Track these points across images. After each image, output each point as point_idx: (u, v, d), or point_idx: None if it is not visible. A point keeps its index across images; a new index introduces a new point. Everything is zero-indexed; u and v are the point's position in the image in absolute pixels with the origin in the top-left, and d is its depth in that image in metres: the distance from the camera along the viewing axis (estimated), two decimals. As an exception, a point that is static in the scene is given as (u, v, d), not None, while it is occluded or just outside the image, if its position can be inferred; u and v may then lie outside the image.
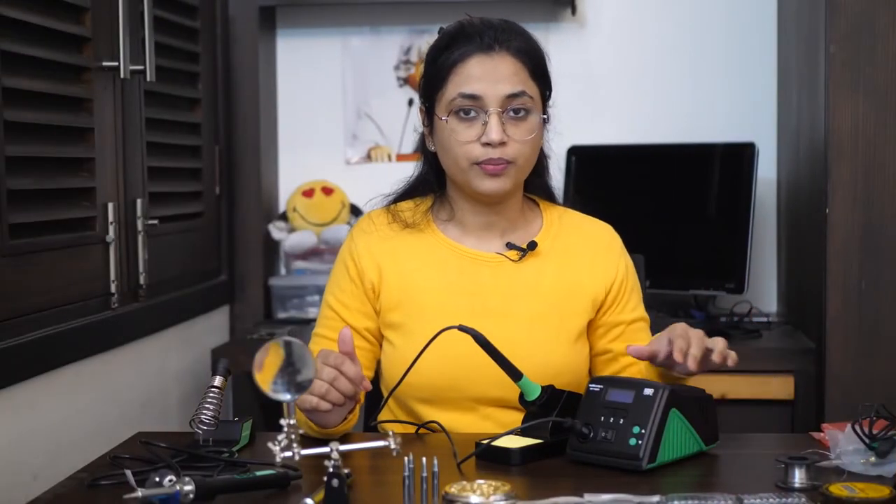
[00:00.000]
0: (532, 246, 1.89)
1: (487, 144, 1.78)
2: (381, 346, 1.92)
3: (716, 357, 1.68)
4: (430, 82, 1.85)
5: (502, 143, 1.78)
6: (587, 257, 1.91)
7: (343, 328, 1.70)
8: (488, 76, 1.79)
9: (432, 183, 1.92)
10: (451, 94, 1.80)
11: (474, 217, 1.89)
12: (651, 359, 1.71)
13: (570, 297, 1.88)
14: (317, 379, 1.64)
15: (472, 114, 1.79)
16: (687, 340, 1.67)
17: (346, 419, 1.76)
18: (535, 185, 1.94)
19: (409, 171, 1.99)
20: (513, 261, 1.89)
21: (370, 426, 1.92)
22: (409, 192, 1.96)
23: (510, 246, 1.90)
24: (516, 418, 1.75)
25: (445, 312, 1.81)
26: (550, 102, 1.88)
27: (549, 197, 1.99)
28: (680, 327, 1.69)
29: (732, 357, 1.69)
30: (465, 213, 1.90)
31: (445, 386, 1.83)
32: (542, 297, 1.87)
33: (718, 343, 1.69)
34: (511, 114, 1.79)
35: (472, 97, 1.79)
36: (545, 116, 1.85)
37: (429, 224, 1.92)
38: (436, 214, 1.93)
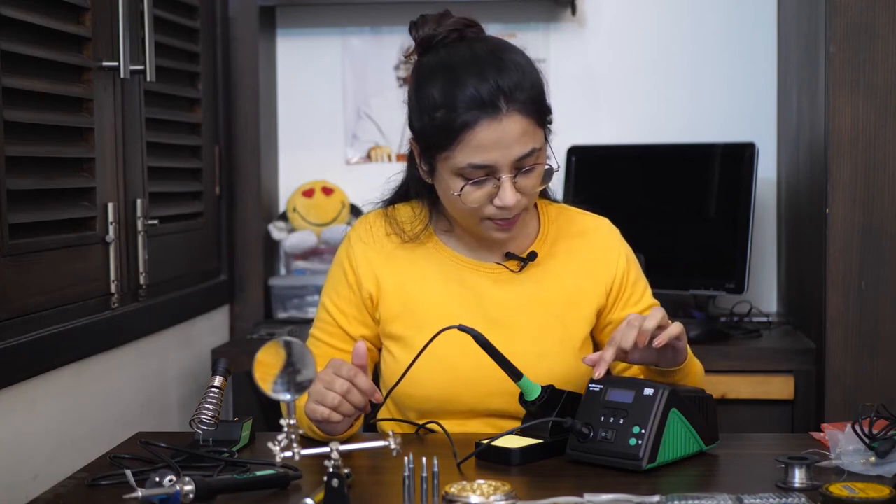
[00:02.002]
0: (532, 257, 1.87)
1: (501, 207, 1.74)
2: (379, 351, 1.91)
3: (652, 333, 1.66)
4: (431, 138, 1.75)
5: (516, 203, 1.74)
6: (586, 258, 1.90)
7: (358, 342, 1.70)
8: (499, 144, 1.69)
9: (422, 193, 1.88)
10: (460, 161, 1.71)
11: (473, 235, 1.87)
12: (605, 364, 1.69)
13: (573, 305, 1.87)
14: (329, 391, 1.64)
15: (483, 178, 1.72)
16: (618, 339, 1.66)
17: (352, 425, 1.76)
18: None
19: (408, 171, 1.98)
20: (513, 271, 1.88)
21: (369, 424, 1.92)
22: (402, 197, 1.94)
23: (509, 256, 1.88)
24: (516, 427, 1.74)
25: (447, 324, 1.78)
26: (550, 128, 1.81)
27: (544, 193, 1.95)
28: (621, 327, 1.67)
29: (671, 332, 1.66)
30: (464, 230, 1.87)
31: (446, 399, 1.83)
32: (544, 307, 1.86)
33: (652, 320, 1.66)
34: (522, 170, 1.73)
35: (484, 167, 1.71)
36: (556, 167, 1.79)
37: (429, 235, 1.89)
38: (435, 224, 1.90)
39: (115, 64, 2.23)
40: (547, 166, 1.77)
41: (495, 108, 1.69)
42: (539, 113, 1.75)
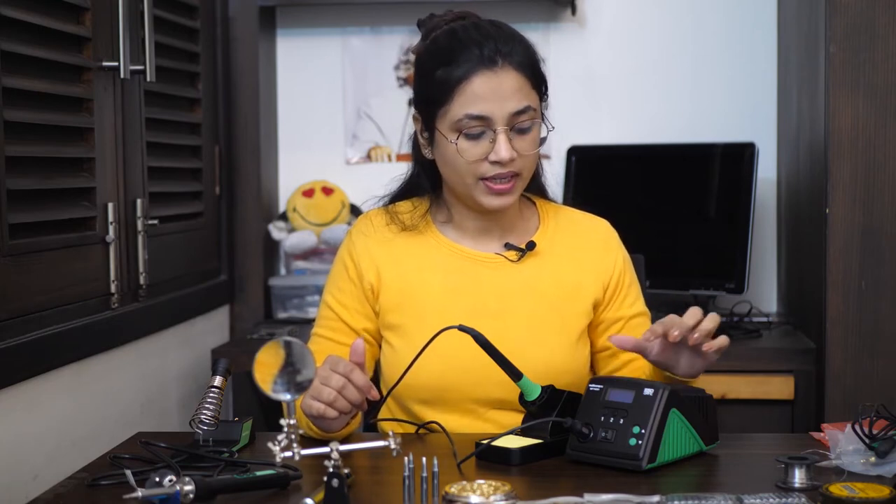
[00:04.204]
0: (531, 246, 1.89)
1: (496, 162, 1.77)
2: (380, 346, 1.92)
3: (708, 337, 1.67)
4: (430, 97, 1.82)
5: (510, 159, 1.78)
6: (585, 255, 1.91)
7: (356, 339, 1.70)
8: (494, 95, 1.76)
9: (426, 186, 1.91)
10: (457, 113, 1.77)
11: (472, 221, 1.89)
12: (642, 352, 1.70)
13: (571, 297, 1.88)
14: (325, 386, 1.64)
15: (479, 131, 1.78)
16: (685, 318, 1.65)
17: (349, 423, 1.76)
18: (531, 185, 1.93)
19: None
20: (511, 261, 1.89)
21: (369, 424, 1.92)
22: (405, 193, 1.96)
23: (508, 246, 1.89)
24: (516, 420, 1.75)
25: (445, 314, 1.80)
26: (546, 102, 1.86)
27: (543, 194, 1.99)
28: (669, 318, 1.67)
29: (722, 343, 1.67)
30: (462, 217, 1.90)
31: (445, 388, 1.83)
32: (542, 298, 1.87)
33: (710, 322, 1.67)
34: (517, 128, 1.78)
35: (480, 118, 1.76)
36: (549, 128, 1.84)
37: (428, 226, 1.91)
38: (434, 216, 1.92)
39: (115, 64, 2.24)
40: (543, 134, 1.82)
41: (492, 62, 1.77)
42: (534, 76, 1.81)
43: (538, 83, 1.82)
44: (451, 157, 1.80)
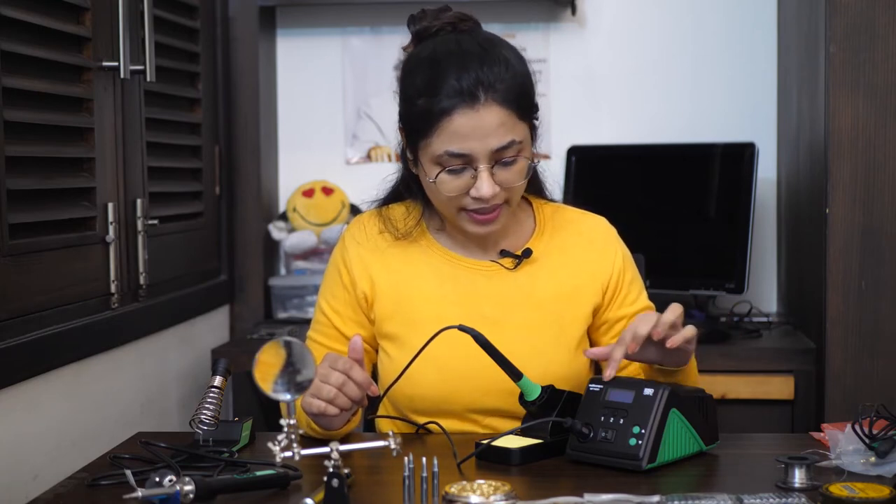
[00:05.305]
0: (527, 253, 1.86)
1: (478, 198, 1.74)
2: (376, 352, 1.91)
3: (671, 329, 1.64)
4: (412, 123, 1.77)
5: (492, 196, 1.74)
6: (582, 257, 1.89)
7: (354, 336, 1.70)
8: (475, 132, 1.70)
9: (415, 190, 1.88)
10: (438, 149, 1.72)
11: (465, 233, 1.87)
12: (608, 357, 1.68)
13: (569, 303, 1.87)
14: (325, 384, 1.64)
15: (460, 167, 1.73)
16: (628, 338, 1.64)
17: (349, 421, 1.76)
18: (527, 186, 1.87)
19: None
20: (507, 269, 1.87)
21: (368, 422, 1.92)
22: (397, 196, 1.93)
23: (504, 253, 1.87)
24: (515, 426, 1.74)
25: (441, 323, 1.74)
26: (537, 122, 1.81)
27: (540, 192, 1.96)
28: (629, 330, 1.65)
29: (685, 335, 1.65)
30: (454, 228, 1.88)
31: (443, 398, 1.82)
32: (539, 305, 1.85)
33: (670, 314, 1.65)
34: (502, 161, 1.73)
35: (461, 155, 1.72)
36: (535, 162, 1.80)
37: (422, 233, 1.89)
38: (428, 223, 1.90)
39: (115, 64, 2.24)
40: (531, 163, 1.78)
41: (473, 98, 1.71)
42: (521, 107, 1.75)
43: (525, 112, 1.76)
44: (433, 188, 1.76)
